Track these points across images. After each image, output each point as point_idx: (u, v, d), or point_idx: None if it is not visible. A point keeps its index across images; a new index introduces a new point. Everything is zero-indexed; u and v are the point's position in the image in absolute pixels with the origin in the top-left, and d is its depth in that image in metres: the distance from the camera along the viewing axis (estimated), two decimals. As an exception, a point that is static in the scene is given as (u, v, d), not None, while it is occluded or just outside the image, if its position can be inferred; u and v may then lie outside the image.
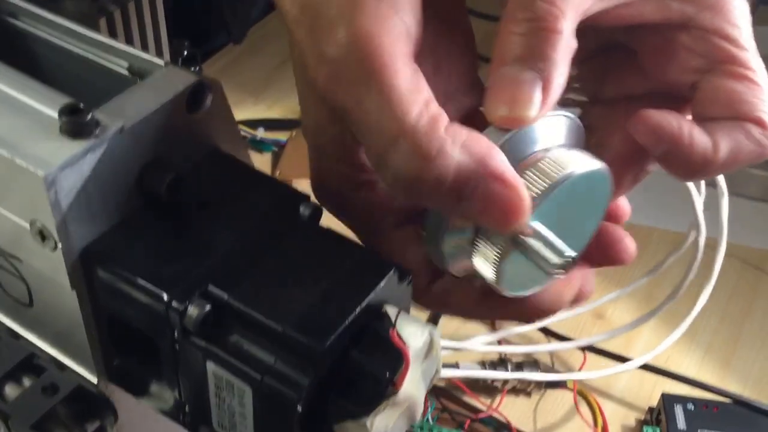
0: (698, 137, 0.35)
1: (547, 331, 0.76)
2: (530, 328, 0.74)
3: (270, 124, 0.94)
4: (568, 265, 0.33)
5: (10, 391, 0.38)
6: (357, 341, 0.32)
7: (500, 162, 0.31)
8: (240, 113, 0.94)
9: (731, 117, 0.35)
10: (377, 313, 0.33)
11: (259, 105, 0.98)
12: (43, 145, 0.33)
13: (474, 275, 0.36)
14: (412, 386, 0.33)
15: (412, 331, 0.33)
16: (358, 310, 0.32)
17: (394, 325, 0.32)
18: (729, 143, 0.35)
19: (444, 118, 0.31)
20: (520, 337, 0.76)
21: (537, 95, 0.32)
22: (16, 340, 0.40)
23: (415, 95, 0.31)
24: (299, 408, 0.31)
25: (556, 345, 0.74)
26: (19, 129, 0.33)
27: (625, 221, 0.39)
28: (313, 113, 0.35)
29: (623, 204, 0.39)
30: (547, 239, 0.33)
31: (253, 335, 0.32)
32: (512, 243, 0.33)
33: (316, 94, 0.34)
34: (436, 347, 0.34)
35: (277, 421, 0.32)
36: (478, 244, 0.34)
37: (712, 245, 0.64)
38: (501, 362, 0.70)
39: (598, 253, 0.38)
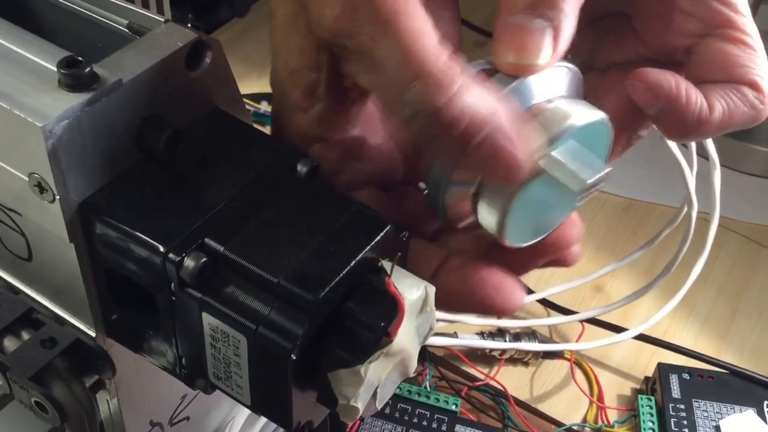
0: (694, 97, 0.35)
1: (546, 303, 0.76)
2: (531, 299, 0.74)
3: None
4: (589, 189, 0.33)
5: (9, 344, 0.38)
6: (353, 293, 0.32)
7: (508, 115, 0.31)
8: (244, 87, 0.93)
9: (726, 80, 0.36)
10: (373, 267, 0.33)
11: (263, 79, 0.98)
12: (42, 97, 0.33)
13: (475, 228, 0.37)
14: (406, 339, 0.33)
15: (407, 285, 0.33)
16: (353, 263, 0.32)
17: (390, 275, 0.32)
18: (723, 105, 0.35)
19: (458, 62, 0.31)
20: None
21: (547, 43, 0.32)
22: (16, 295, 0.40)
23: (432, 37, 0.31)
24: (293, 357, 0.31)
25: (554, 319, 0.74)
26: (17, 82, 0.33)
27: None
28: (291, 60, 0.35)
29: (575, 219, 0.39)
30: (569, 168, 0.33)
31: (248, 287, 0.32)
32: (537, 171, 0.33)
33: (303, 41, 0.34)
34: (430, 303, 0.34)
35: (272, 371, 0.32)
36: (481, 196, 0.34)
37: (709, 218, 0.64)
38: (499, 333, 0.70)
39: (548, 251, 0.38)
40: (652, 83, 0.35)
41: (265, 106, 0.93)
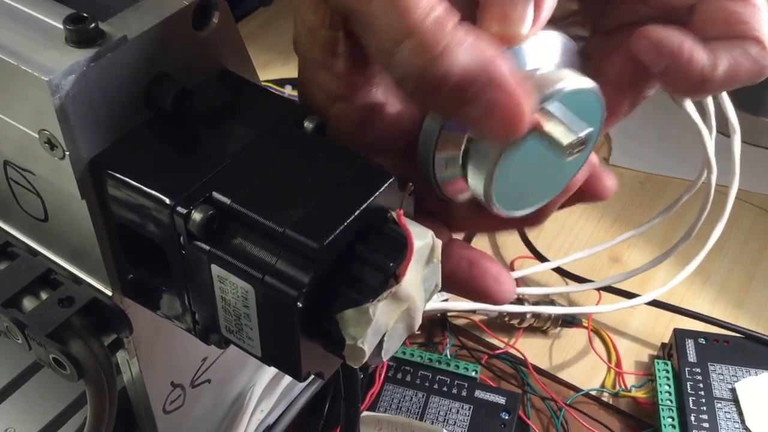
0: (698, 53, 0.34)
1: (563, 272, 0.74)
2: (547, 267, 0.73)
3: (297, 83, 0.93)
4: (583, 144, 0.31)
5: (28, 304, 0.38)
6: (362, 238, 0.32)
7: (505, 68, 0.30)
8: (269, 73, 0.93)
9: (730, 36, 0.35)
10: (378, 217, 0.32)
11: (287, 65, 0.97)
12: (48, 53, 0.32)
13: (467, 196, 0.35)
14: (413, 287, 0.32)
15: (414, 232, 0.32)
16: (357, 212, 0.31)
17: (401, 207, 0.31)
18: (727, 61, 0.34)
19: (451, 21, 0.30)
20: (537, 280, 0.75)
21: (528, 13, 0.31)
22: (34, 256, 0.39)
23: None
24: (299, 304, 0.30)
25: (572, 287, 0.73)
26: (25, 39, 0.33)
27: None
28: (308, 20, 0.34)
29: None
30: (561, 120, 0.31)
31: (255, 237, 0.31)
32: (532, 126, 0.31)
33: (317, 0, 0.33)
34: (436, 254, 0.33)
35: (280, 319, 0.31)
36: (469, 162, 0.33)
37: (725, 191, 0.63)
38: (518, 301, 0.69)
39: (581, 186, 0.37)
40: (655, 40, 0.34)
41: (289, 90, 0.92)
